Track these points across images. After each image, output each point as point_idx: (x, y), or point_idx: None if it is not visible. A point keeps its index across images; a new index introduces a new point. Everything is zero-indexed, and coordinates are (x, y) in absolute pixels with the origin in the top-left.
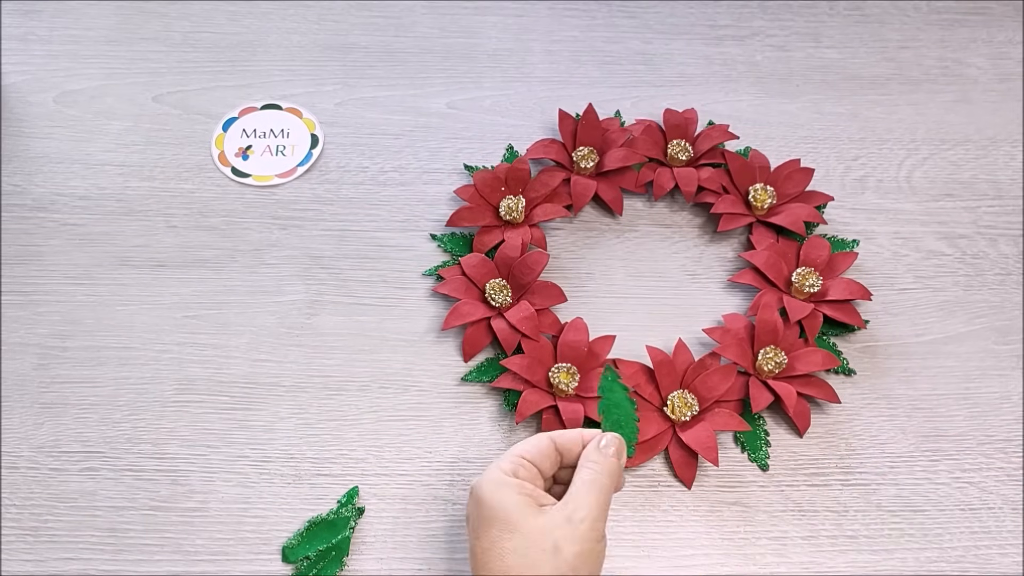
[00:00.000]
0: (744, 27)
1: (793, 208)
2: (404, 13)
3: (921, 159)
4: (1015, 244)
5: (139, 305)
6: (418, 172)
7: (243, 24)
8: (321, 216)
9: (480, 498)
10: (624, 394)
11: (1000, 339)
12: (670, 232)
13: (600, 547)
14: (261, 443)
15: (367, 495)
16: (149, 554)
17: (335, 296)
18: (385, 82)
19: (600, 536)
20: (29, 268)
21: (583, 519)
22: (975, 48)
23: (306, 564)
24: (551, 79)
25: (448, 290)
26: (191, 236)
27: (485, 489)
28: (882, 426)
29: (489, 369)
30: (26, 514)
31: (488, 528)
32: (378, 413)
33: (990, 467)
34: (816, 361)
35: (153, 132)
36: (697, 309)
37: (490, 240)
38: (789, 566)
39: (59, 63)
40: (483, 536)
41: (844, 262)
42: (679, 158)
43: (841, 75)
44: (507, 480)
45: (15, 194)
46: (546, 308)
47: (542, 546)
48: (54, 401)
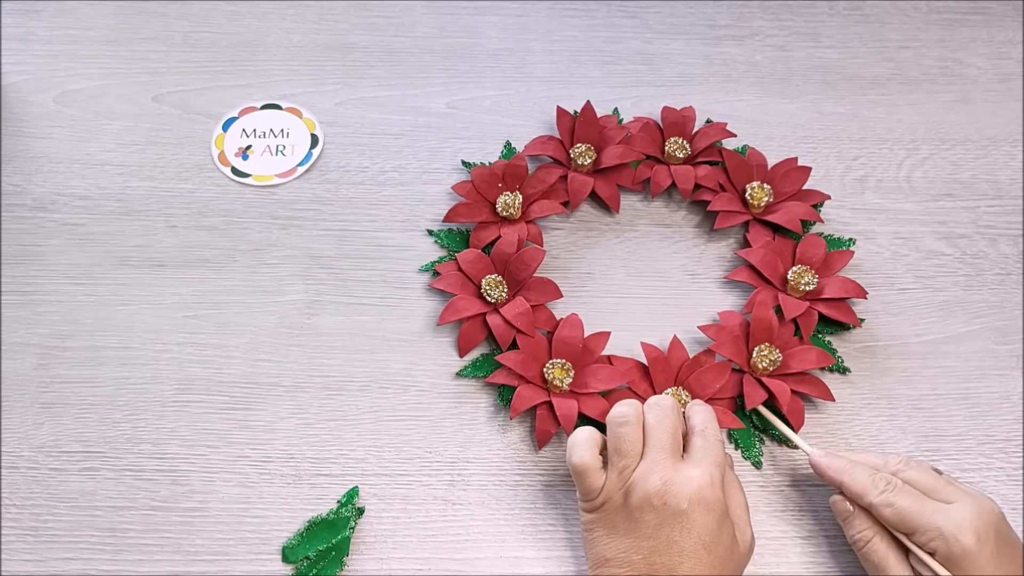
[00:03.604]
0: (744, 27)
1: (790, 206)
2: (404, 13)
3: (921, 159)
4: (1015, 244)
5: (139, 305)
6: (418, 172)
7: (243, 24)
8: (321, 216)
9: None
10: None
11: (1000, 339)
12: (669, 231)
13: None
14: (261, 443)
15: (367, 495)
16: (149, 554)
17: (335, 296)
18: (385, 82)
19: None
20: (29, 268)
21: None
22: (975, 48)
23: (306, 564)
24: (551, 79)
25: (444, 285)
26: (191, 236)
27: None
28: (882, 426)
29: (484, 364)
30: (26, 514)
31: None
32: (378, 413)
33: (990, 467)
34: (811, 359)
35: (153, 132)
36: (695, 307)
37: (487, 236)
38: (789, 566)
39: (59, 63)
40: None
41: (840, 260)
42: (676, 156)
43: (841, 75)
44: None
45: (15, 194)
46: (542, 304)
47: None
48: (54, 401)
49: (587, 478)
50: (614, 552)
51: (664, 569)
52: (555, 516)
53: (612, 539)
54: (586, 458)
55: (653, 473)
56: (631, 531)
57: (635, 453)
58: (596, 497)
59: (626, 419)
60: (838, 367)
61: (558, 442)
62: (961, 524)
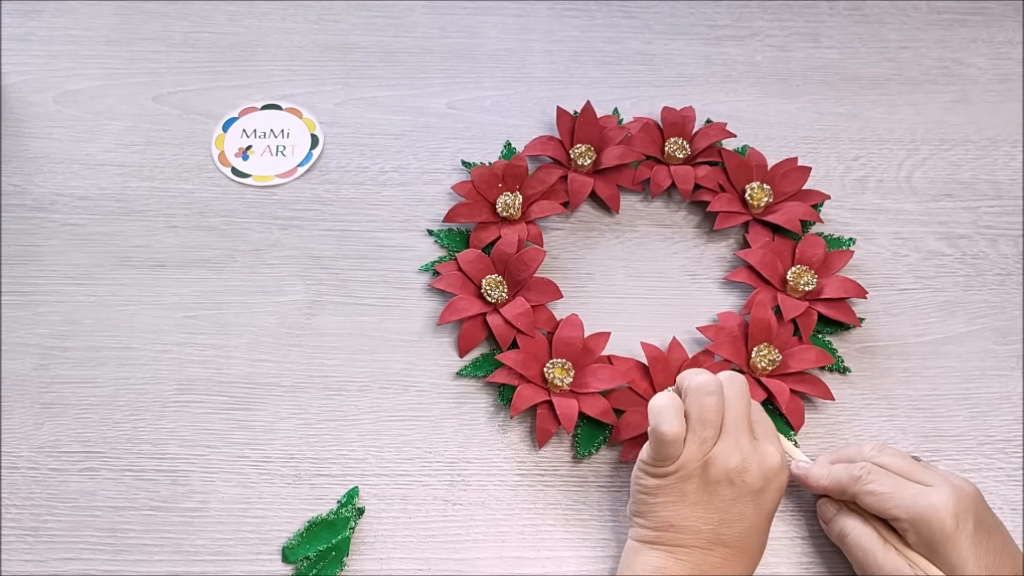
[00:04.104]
0: (744, 27)
1: (789, 206)
2: (404, 13)
3: (921, 159)
4: (1015, 244)
5: (139, 305)
6: (418, 172)
7: (243, 24)
8: (321, 216)
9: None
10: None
11: (1000, 339)
12: (669, 232)
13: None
14: (261, 443)
15: (367, 495)
16: (149, 554)
17: (335, 296)
18: (385, 82)
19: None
20: (29, 268)
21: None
22: (975, 48)
23: (306, 564)
24: (551, 79)
25: (444, 285)
26: (191, 236)
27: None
28: (882, 426)
29: (484, 364)
30: (26, 514)
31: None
32: (378, 413)
33: (990, 467)
34: (810, 359)
35: (153, 132)
36: (695, 308)
37: (487, 236)
38: (789, 566)
39: (59, 63)
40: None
41: (840, 260)
42: (676, 156)
43: (841, 75)
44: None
45: (15, 194)
46: (542, 304)
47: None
48: (54, 401)
49: (672, 447)
50: (682, 520)
51: (732, 540)
52: (555, 516)
53: (680, 507)
54: (676, 427)
55: (733, 450)
56: (702, 502)
57: (718, 424)
58: (671, 464)
59: (712, 390)
60: (838, 367)
61: (558, 442)
62: (939, 507)
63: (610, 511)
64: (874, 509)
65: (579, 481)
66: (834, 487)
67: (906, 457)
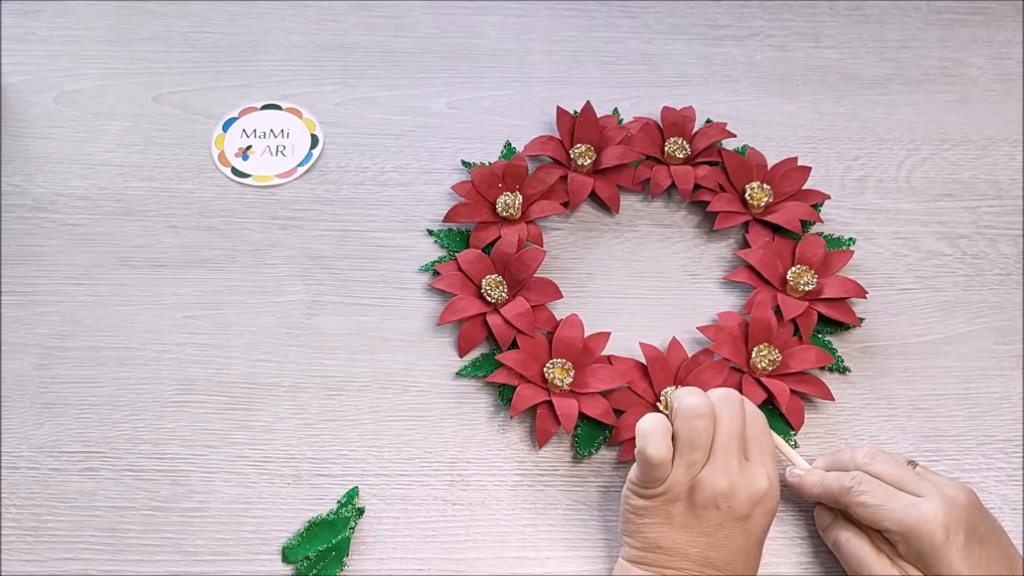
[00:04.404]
0: (744, 27)
1: (789, 206)
2: (404, 13)
3: (921, 159)
4: (1015, 244)
5: (139, 305)
6: (418, 172)
7: (243, 24)
8: (321, 216)
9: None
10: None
11: (1000, 339)
12: (669, 231)
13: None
14: (261, 443)
15: (367, 495)
16: (149, 554)
17: (335, 296)
18: (385, 82)
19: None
20: (29, 268)
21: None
22: (975, 48)
23: (306, 564)
24: (551, 79)
25: (444, 285)
26: (191, 236)
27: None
28: (882, 426)
29: (484, 364)
30: (26, 514)
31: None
32: (378, 413)
33: (990, 467)
34: (810, 359)
35: (153, 132)
36: (695, 308)
37: (487, 236)
38: (789, 566)
39: (59, 63)
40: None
41: (840, 260)
42: (676, 156)
43: (841, 75)
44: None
45: (15, 194)
46: (542, 304)
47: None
48: (54, 401)
49: (659, 470)
50: (669, 543)
51: (720, 564)
52: (555, 516)
53: (667, 529)
54: (662, 450)
55: (721, 474)
56: (689, 525)
57: (707, 447)
58: (659, 486)
59: (702, 412)
60: (838, 367)
61: (558, 442)
62: (930, 519)
63: (610, 511)
64: (865, 520)
65: (579, 481)
66: (827, 497)
67: (900, 464)
